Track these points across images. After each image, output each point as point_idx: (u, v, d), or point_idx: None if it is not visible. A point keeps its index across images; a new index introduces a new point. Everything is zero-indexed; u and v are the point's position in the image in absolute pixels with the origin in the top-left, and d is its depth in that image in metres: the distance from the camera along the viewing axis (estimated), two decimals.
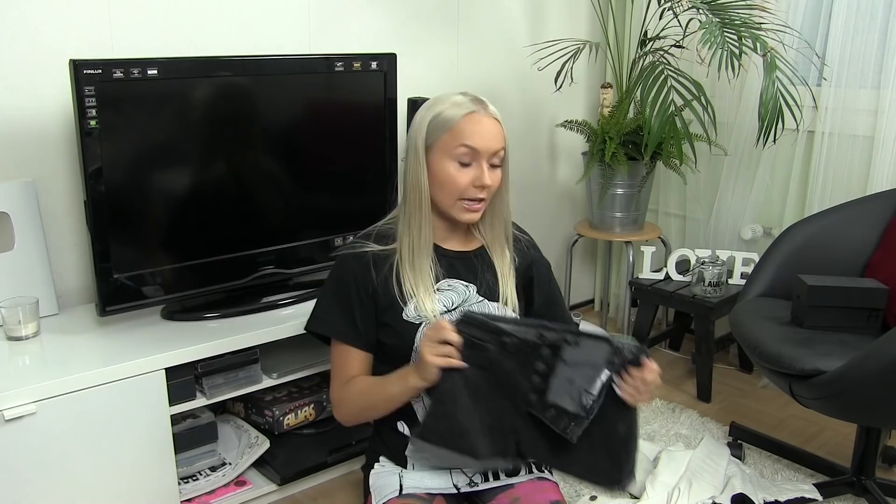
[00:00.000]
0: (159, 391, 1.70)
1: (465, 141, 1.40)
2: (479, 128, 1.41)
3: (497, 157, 1.44)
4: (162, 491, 1.74)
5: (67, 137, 1.88)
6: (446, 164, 1.42)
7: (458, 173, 1.42)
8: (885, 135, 2.34)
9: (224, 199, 1.90)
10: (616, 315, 3.23)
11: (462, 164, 1.42)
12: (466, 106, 1.42)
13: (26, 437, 1.53)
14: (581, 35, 2.95)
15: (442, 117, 1.42)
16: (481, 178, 1.42)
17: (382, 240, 1.51)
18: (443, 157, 1.42)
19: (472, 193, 1.43)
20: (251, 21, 2.12)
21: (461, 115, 1.41)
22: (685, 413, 2.42)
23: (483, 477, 1.50)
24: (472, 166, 1.42)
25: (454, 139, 1.41)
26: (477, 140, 1.41)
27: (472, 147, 1.40)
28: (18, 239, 1.81)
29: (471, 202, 1.44)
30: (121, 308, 1.79)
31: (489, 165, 1.43)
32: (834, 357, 1.69)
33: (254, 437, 1.98)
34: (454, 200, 1.44)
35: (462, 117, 1.41)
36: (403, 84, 2.46)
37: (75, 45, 1.85)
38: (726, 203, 2.78)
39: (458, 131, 1.41)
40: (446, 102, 1.44)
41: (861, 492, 1.91)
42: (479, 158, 1.42)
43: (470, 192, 1.43)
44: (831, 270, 2.06)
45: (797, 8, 2.51)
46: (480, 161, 1.42)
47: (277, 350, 1.98)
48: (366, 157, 2.11)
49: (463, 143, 1.40)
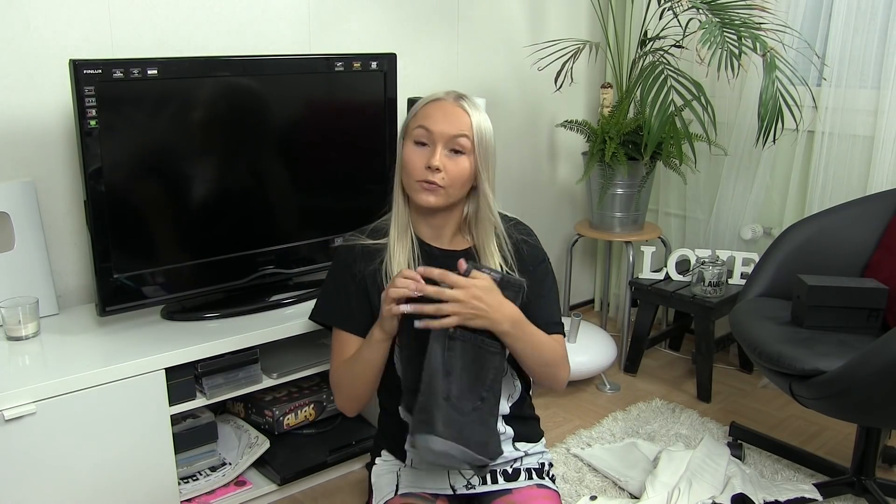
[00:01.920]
0: (159, 391, 1.70)
1: (420, 122, 1.44)
2: (438, 112, 1.43)
3: (457, 144, 1.43)
4: (162, 491, 1.74)
5: (67, 137, 1.88)
6: (408, 146, 1.45)
7: (413, 154, 1.44)
8: (885, 135, 2.34)
9: (224, 198, 1.90)
10: (616, 315, 3.23)
11: (418, 143, 1.44)
12: (437, 95, 1.47)
13: (26, 437, 1.53)
14: (581, 35, 2.95)
15: (416, 107, 1.48)
16: (431, 158, 1.42)
17: (376, 234, 1.54)
18: (407, 140, 1.46)
19: (424, 175, 1.43)
20: (251, 21, 2.12)
21: (427, 101, 1.46)
22: (685, 413, 2.42)
23: (481, 480, 1.50)
24: (428, 147, 1.44)
25: (414, 122, 1.45)
26: (431, 122, 1.43)
27: (427, 128, 1.43)
28: (18, 239, 1.81)
29: (425, 183, 1.43)
30: (121, 308, 1.79)
31: (449, 150, 1.43)
32: (834, 357, 1.69)
33: (254, 437, 1.98)
34: (413, 183, 1.45)
35: (426, 104, 1.46)
36: (403, 84, 2.46)
37: (75, 45, 1.85)
38: (726, 203, 2.78)
39: (419, 114, 1.45)
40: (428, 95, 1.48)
41: (861, 492, 1.91)
42: (434, 141, 1.43)
43: (423, 173, 1.43)
44: (831, 270, 2.06)
45: (797, 8, 2.51)
46: (436, 144, 1.42)
47: (277, 350, 1.98)
48: (366, 157, 2.11)
49: (419, 124, 1.44)
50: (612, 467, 2.07)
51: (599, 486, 2.03)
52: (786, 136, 2.56)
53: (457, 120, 1.43)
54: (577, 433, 2.30)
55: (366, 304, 1.51)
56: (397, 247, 1.50)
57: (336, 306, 1.55)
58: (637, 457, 2.12)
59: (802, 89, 2.44)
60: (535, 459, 1.56)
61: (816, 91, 2.48)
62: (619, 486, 2.02)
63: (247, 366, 1.86)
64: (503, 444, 1.50)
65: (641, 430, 2.30)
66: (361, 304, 1.52)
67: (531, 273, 1.54)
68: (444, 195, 1.45)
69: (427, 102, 1.47)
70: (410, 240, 1.51)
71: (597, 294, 3.37)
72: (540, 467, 1.55)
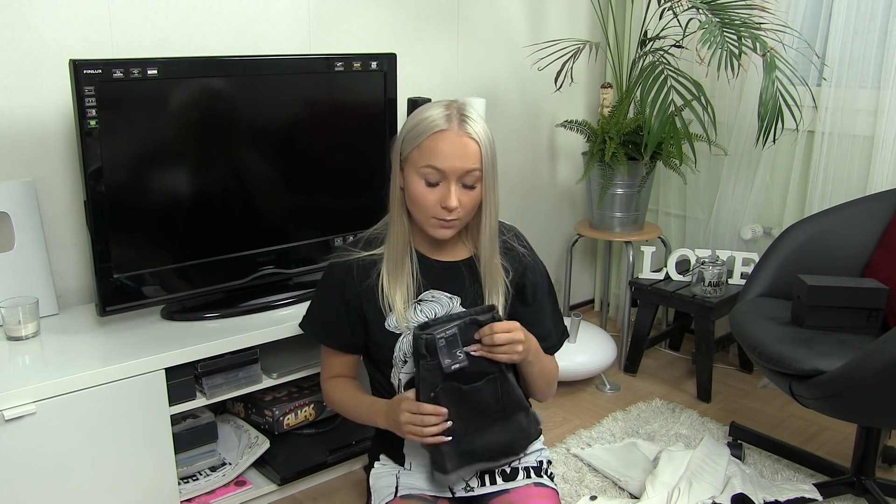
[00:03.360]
0: (159, 391, 1.70)
1: (429, 161, 1.36)
2: (445, 147, 1.35)
3: (470, 177, 1.38)
4: (162, 491, 1.74)
5: (67, 137, 1.88)
6: (415, 182, 1.39)
7: (425, 192, 1.39)
8: (885, 135, 2.34)
9: (224, 199, 1.90)
10: (616, 315, 3.23)
11: (429, 183, 1.38)
12: (439, 122, 1.36)
13: (26, 437, 1.53)
14: (581, 35, 2.95)
15: (414, 132, 1.39)
16: (446, 199, 1.37)
17: (371, 245, 1.51)
18: (412, 173, 1.40)
19: (440, 214, 1.39)
20: (251, 21, 2.12)
21: (430, 132, 1.37)
22: (685, 413, 2.42)
23: (480, 481, 1.50)
24: (441, 185, 1.38)
25: (422, 157, 1.37)
26: (441, 160, 1.36)
27: (437, 168, 1.36)
28: (18, 239, 1.81)
29: (441, 220, 1.40)
30: (121, 308, 1.79)
31: (461, 185, 1.39)
32: (834, 357, 1.69)
33: (254, 437, 1.98)
34: (426, 217, 1.41)
35: (430, 135, 1.37)
36: (403, 84, 2.46)
37: (75, 45, 1.85)
38: (726, 203, 2.78)
39: (425, 149, 1.37)
40: (424, 114, 1.39)
41: (861, 492, 1.91)
42: (446, 178, 1.37)
43: (438, 211, 1.39)
44: (831, 270, 2.06)
45: (797, 8, 2.51)
46: (449, 181, 1.37)
47: (277, 350, 1.98)
48: (366, 157, 2.11)
49: (428, 163, 1.36)
50: (612, 467, 2.07)
51: (599, 486, 2.03)
52: (786, 136, 2.56)
53: (467, 153, 1.37)
54: (577, 433, 2.30)
55: (357, 321, 1.51)
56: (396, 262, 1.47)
57: (324, 321, 1.56)
58: (637, 457, 2.12)
59: (802, 89, 2.44)
60: (534, 458, 1.56)
61: (816, 91, 2.48)
62: (619, 486, 2.02)
63: (247, 366, 1.86)
64: None
65: (641, 430, 2.30)
66: (352, 321, 1.52)
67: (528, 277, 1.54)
68: (459, 224, 1.44)
69: (431, 134, 1.37)
70: (409, 255, 1.48)
71: (597, 294, 3.37)
72: (538, 465, 1.55)
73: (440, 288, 1.49)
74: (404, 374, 1.48)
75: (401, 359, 1.47)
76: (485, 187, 1.41)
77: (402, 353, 1.47)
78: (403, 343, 1.46)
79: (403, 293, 1.46)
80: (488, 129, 1.41)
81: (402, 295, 1.46)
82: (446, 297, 1.49)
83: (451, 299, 1.49)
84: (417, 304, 1.47)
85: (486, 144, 1.39)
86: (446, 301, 1.48)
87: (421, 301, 1.48)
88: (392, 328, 1.47)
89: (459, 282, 1.50)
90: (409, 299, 1.47)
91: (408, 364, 1.47)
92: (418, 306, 1.47)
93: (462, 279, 1.50)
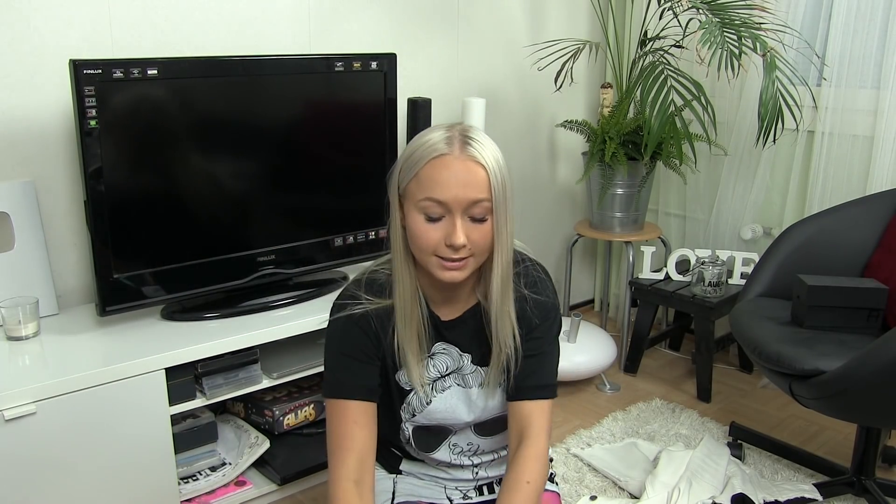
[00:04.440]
0: (159, 391, 1.70)
1: (429, 193, 1.15)
2: (446, 175, 1.14)
3: (478, 209, 1.16)
4: (162, 491, 1.74)
5: (67, 137, 1.88)
6: (415, 218, 1.17)
7: (426, 229, 1.17)
8: (885, 135, 2.34)
9: (224, 198, 1.90)
10: (616, 315, 3.23)
11: (430, 218, 1.16)
12: (438, 147, 1.15)
13: (26, 437, 1.53)
14: (581, 35, 2.95)
15: (411, 160, 1.18)
16: (451, 236, 1.15)
17: (372, 288, 1.30)
18: (411, 208, 1.18)
19: (446, 253, 1.17)
20: (251, 21, 2.12)
21: (428, 158, 1.15)
22: (685, 413, 2.42)
23: (478, 491, 1.49)
24: (444, 220, 1.17)
25: (420, 189, 1.16)
26: (441, 191, 1.14)
27: (437, 200, 1.15)
28: (18, 239, 1.81)
29: (447, 261, 1.18)
30: (121, 308, 1.79)
31: (468, 218, 1.17)
32: (834, 357, 1.69)
33: (254, 437, 1.98)
34: (428, 258, 1.19)
35: (428, 162, 1.15)
36: (403, 84, 2.47)
37: (75, 45, 1.85)
38: (726, 203, 2.78)
39: (423, 179, 1.15)
40: (422, 139, 1.19)
41: (861, 492, 1.91)
42: (450, 212, 1.16)
43: (443, 250, 1.17)
44: (831, 270, 2.06)
45: (797, 8, 2.51)
46: (453, 215, 1.16)
47: (277, 350, 1.98)
48: (366, 157, 2.11)
49: (427, 195, 1.15)
50: (612, 467, 2.07)
51: (599, 486, 2.03)
52: (786, 136, 2.56)
53: (472, 180, 1.15)
54: (577, 433, 2.30)
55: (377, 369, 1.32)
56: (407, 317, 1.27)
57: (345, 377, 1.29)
58: (637, 457, 2.12)
59: (802, 89, 2.44)
60: None
61: (816, 91, 2.48)
62: (619, 486, 2.02)
63: (247, 366, 1.86)
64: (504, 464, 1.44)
65: (641, 430, 2.30)
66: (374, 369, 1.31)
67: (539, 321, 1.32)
68: (473, 264, 1.21)
69: (429, 160, 1.15)
70: (420, 310, 1.28)
71: (597, 294, 3.37)
72: None
73: (450, 342, 1.34)
74: (409, 425, 1.39)
75: (409, 413, 1.37)
76: (496, 220, 1.18)
77: (412, 408, 1.36)
78: (413, 399, 1.35)
79: (415, 349, 1.29)
80: (498, 152, 1.19)
81: (414, 350, 1.29)
82: (457, 352, 1.35)
83: (462, 356, 1.35)
84: (430, 359, 1.33)
85: (496, 170, 1.17)
86: (457, 355, 1.35)
87: (433, 355, 1.33)
88: (403, 383, 1.34)
89: (467, 336, 1.33)
90: (423, 354, 1.31)
91: (415, 416, 1.36)
92: (430, 361, 1.34)
93: (470, 331, 1.33)
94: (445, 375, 1.33)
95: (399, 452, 1.47)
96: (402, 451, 1.46)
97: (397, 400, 1.36)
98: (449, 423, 1.37)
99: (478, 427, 1.41)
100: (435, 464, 1.45)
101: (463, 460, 1.43)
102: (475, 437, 1.42)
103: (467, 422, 1.36)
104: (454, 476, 1.46)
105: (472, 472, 1.46)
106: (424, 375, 1.31)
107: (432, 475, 1.47)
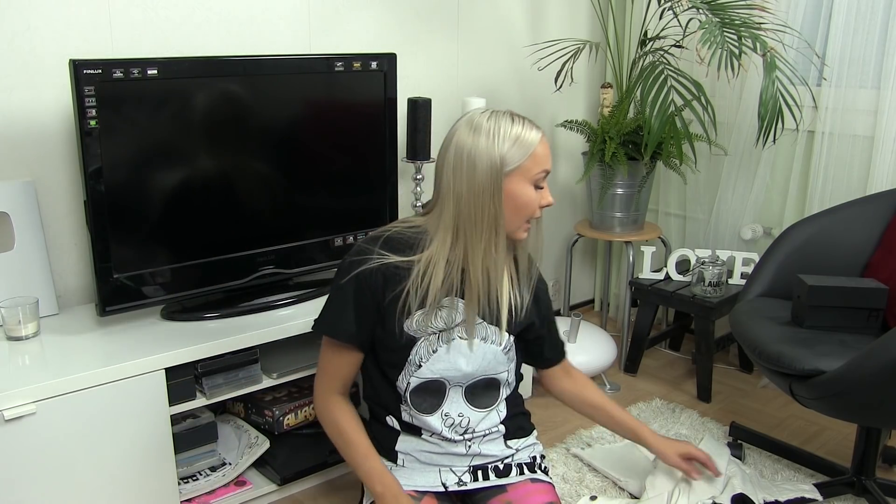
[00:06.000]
0: (159, 391, 1.70)
1: (545, 166, 1.42)
2: (547, 152, 1.44)
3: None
4: (162, 491, 1.74)
5: (67, 137, 1.88)
6: (526, 189, 1.42)
7: (535, 196, 1.44)
8: (885, 135, 2.34)
9: (224, 198, 1.90)
10: (616, 315, 3.23)
11: (538, 187, 1.44)
12: (534, 132, 1.42)
13: (26, 437, 1.53)
14: (581, 35, 2.95)
15: (522, 142, 1.40)
16: (548, 197, 1.46)
17: (399, 246, 1.46)
18: (521, 180, 1.41)
19: (538, 214, 1.47)
20: (251, 21, 2.12)
21: (538, 139, 1.42)
22: (685, 413, 2.42)
23: (472, 476, 1.51)
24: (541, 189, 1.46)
25: (536, 164, 1.41)
26: (549, 163, 1.44)
27: (548, 171, 1.44)
28: (18, 239, 1.81)
29: (529, 223, 1.47)
30: (121, 308, 1.79)
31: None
32: (834, 357, 1.69)
33: (254, 437, 1.98)
34: (521, 222, 1.45)
35: (539, 142, 1.42)
36: (403, 84, 2.47)
37: (75, 45, 1.85)
38: (726, 203, 2.78)
39: (538, 156, 1.41)
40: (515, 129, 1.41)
41: (861, 492, 1.91)
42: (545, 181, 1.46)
43: (535, 212, 1.46)
44: (831, 270, 2.06)
45: (797, 8, 2.51)
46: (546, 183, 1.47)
47: (277, 350, 1.98)
48: (366, 157, 2.11)
49: (544, 168, 1.42)
50: (612, 467, 2.07)
51: (599, 486, 2.03)
52: (786, 136, 2.56)
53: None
54: (577, 433, 2.30)
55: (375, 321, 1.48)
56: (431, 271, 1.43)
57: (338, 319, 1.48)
58: (637, 457, 2.12)
59: (802, 89, 2.44)
60: (527, 453, 1.57)
61: (816, 91, 2.48)
62: (619, 486, 2.02)
63: (247, 366, 1.86)
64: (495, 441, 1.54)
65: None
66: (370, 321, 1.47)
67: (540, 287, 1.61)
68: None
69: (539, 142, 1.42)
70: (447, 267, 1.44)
71: (597, 294, 3.37)
72: (532, 461, 1.56)
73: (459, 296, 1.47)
74: (415, 379, 1.47)
75: (415, 362, 1.47)
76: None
77: (419, 356, 1.46)
78: (421, 346, 1.45)
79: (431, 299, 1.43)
80: None
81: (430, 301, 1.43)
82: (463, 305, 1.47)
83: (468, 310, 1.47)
84: (438, 310, 1.46)
85: None
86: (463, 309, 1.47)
87: (442, 306, 1.46)
88: (411, 331, 1.45)
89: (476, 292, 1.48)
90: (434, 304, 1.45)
91: (421, 368, 1.46)
92: (438, 312, 1.46)
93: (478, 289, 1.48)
94: (452, 327, 1.47)
95: (396, 422, 1.52)
96: (398, 418, 1.51)
97: (405, 349, 1.46)
98: (449, 376, 1.48)
99: (468, 393, 1.51)
100: (429, 435, 1.50)
101: (454, 435, 1.50)
102: (466, 408, 1.50)
103: (465, 372, 1.49)
104: (448, 450, 1.50)
105: (465, 446, 1.51)
106: (431, 324, 1.46)
107: (427, 451, 1.50)
